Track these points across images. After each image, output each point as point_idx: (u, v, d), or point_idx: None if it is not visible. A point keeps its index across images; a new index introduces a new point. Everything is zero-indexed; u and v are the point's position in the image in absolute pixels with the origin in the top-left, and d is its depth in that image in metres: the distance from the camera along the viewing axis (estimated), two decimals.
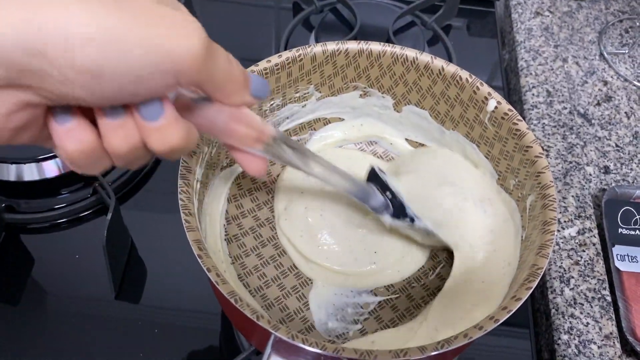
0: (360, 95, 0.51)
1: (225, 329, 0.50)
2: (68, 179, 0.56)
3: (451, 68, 0.46)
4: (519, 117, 0.43)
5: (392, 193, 0.44)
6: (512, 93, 0.72)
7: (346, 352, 0.30)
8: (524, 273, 0.35)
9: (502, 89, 0.71)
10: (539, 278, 0.34)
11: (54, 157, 0.55)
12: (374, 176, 0.45)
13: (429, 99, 0.49)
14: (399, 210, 0.45)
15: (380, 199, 0.44)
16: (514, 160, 0.44)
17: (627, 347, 0.51)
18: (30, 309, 0.50)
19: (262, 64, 0.45)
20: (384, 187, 0.45)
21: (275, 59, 0.46)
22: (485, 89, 0.45)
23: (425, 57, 0.47)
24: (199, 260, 0.34)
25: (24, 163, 0.54)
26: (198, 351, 0.49)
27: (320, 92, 0.50)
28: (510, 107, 0.44)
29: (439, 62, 0.47)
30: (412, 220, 0.44)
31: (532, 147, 0.42)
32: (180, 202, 0.36)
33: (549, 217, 0.37)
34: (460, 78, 0.46)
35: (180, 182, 0.38)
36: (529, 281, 0.34)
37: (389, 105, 0.51)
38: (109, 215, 0.49)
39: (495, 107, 0.44)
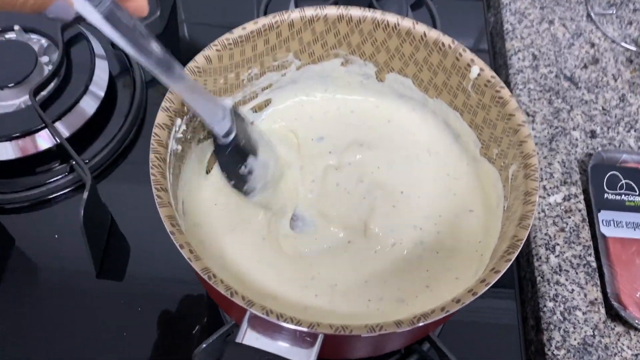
0: (342, 63, 0.50)
1: (209, 304, 0.50)
2: (44, 158, 0.54)
3: (433, 34, 0.45)
4: (502, 84, 0.42)
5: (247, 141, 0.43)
6: (498, 57, 0.71)
7: (321, 327, 0.29)
8: (504, 244, 0.34)
9: (488, 52, 0.70)
10: (519, 250, 0.33)
11: (29, 134, 0.53)
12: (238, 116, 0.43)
13: (411, 66, 0.48)
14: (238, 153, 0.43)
15: (227, 128, 0.41)
16: (497, 128, 0.43)
17: (611, 312, 0.51)
18: (11, 289, 0.50)
19: (237, 31, 0.44)
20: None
21: (250, 26, 0.44)
22: (469, 55, 0.44)
23: (407, 23, 0.45)
24: (172, 237, 0.33)
25: None
26: (183, 326, 0.49)
27: (300, 60, 0.49)
28: (494, 74, 0.43)
29: (421, 28, 0.45)
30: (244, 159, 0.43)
31: (514, 115, 0.41)
32: (152, 177, 0.35)
33: (530, 187, 0.37)
34: (443, 44, 0.45)
35: (151, 156, 0.37)
36: (509, 253, 0.33)
37: (371, 73, 0.50)
38: (86, 194, 0.48)
39: (479, 74, 0.43)
